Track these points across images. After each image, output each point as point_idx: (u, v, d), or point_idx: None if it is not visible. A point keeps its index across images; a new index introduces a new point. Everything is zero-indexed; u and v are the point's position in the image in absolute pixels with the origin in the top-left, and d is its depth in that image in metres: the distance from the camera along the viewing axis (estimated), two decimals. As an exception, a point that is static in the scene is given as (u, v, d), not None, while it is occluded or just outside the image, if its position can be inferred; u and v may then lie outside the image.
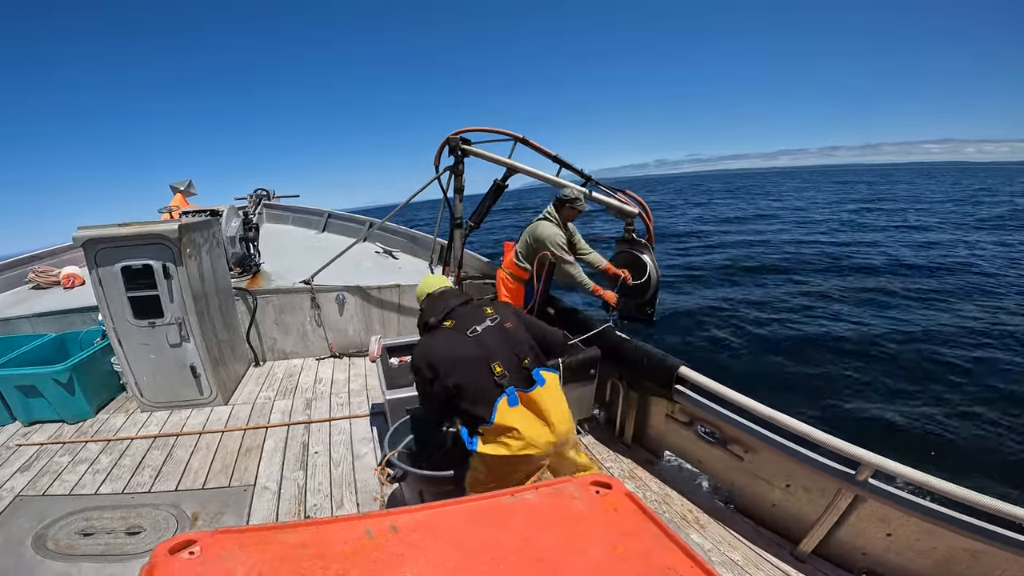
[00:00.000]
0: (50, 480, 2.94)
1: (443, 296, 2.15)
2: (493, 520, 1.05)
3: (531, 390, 1.88)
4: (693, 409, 2.85)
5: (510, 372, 1.90)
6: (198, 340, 3.68)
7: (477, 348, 1.93)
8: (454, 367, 1.89)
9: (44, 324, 4.43)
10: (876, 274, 11.70)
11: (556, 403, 1.93)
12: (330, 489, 2.87)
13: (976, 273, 11.43)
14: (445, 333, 2.00)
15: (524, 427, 1.83)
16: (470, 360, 1.90)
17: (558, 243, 3.40)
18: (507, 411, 1.84)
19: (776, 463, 2.48)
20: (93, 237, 3.30)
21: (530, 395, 1.87)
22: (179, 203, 5.98)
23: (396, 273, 5.33)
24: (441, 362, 1.90)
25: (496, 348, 1.94)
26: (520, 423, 1.83)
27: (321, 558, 0.87)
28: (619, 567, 0.91)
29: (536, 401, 1.88)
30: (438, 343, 1.98)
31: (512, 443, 1.83)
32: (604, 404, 3.53)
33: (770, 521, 2.57)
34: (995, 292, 9.93)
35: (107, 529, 2.51)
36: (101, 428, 3.58)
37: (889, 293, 9.92)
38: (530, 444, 1.84)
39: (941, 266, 12.22)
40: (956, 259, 12.96)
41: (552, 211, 3.53)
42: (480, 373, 1.89)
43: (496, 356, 1.92)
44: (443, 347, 1.95)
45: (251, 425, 3.62)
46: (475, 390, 1.87)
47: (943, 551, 2.00)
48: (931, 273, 11.61)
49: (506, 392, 1.85)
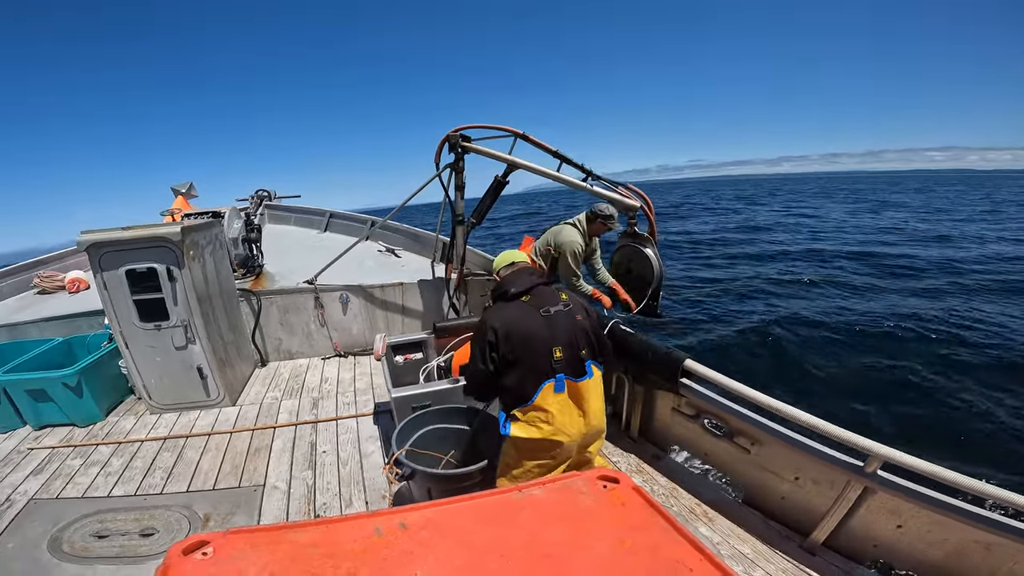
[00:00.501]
0: (63, 483, 2.97)
1: (524, 271, 2.15)
2: (501, 516, 1.05)
3: (580, 380, 1.95)
4: (699, 402, 2.84)
5: (567, 359, 1.94)
6: (204, 342, 3.70)
7: (546, 328, 1.94)
8: (519, 340, 1.91)
9: (51, 329, 4.46)
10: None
11: (596, 398, 2.01)
12: (339, 488, 2.89)
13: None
14: (521, 306, 1.99)
15: (559, 413, 1.91)
16: (536, 338, 1.91)
17: (575, 251, 3.41)
18: (550, 395, 1.90)
19: (784, 455, 2.48)
20: (97, 241, 3.32)
21: (578, 385, 1.94)
22: (181, 205, 6.00)
23: (399, 271, 5.33)
24: (509, 332, 1.91)
25: (561, 333, 1.95)
26: (556, 408, 1.91)
27: (331, 557, 0.88)
28: (627, 561, 0.91)
29: (582, 392, 1.95)
30: (512, 313, 1.97)
31: (544, 427, 1.91)
32: (610, 398, 3.53)
33: (779, 514, 2.56)
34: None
35: (121, 531, 2.53)
36: (111, 431, 3.61)
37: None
38: (560, 431, 1.92)
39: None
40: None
41: (582, 220, 3.54)
42: (540, 353, 1.92)
43: (559, 341, 1.94)
44: (516, 319, 1.95)
45: (259, 425, 3.64)
46: (530, 368, 1.91)
47: (955, 543, 1.99)
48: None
49: (555, 378, 1.90)
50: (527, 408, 1.92)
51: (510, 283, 2.07)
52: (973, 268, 12.30)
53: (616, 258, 3.78)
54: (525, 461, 2.02)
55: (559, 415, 1.91)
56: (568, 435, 1.94)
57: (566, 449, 1.98)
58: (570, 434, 1.94)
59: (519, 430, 1.95)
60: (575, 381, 1.94)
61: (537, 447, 1.96)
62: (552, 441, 1.94)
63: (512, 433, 1.96)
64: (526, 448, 1.98)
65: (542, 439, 1.93)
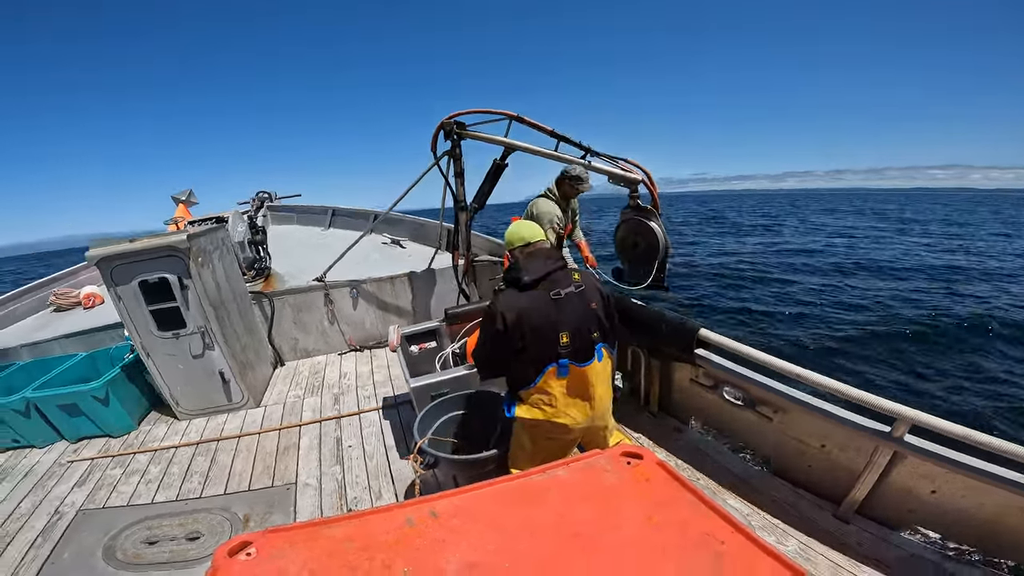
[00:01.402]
0: (107, 492, 3.08)
1: (541, 254, 2.04)
2: (527, 498, 1.07)
3: (585, 364, 1.94)
4: (717, 372, 2.81)
5: (574, 343, 1.92)
6: (222, 346, 3.77)
7: (555, 313, 1.91)
8: (528, 330, 1.90)
9: (73, 345, 4.56)
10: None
11: (602, 382, 2.00)
12: (367, 481, 2.96)
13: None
14: (532, 296, 1.94)
15: (560, 396, 1.93)
16: (543, 327, 1.90)
17: (552, 221, 3.35)
18: (552, 379, 1.92)
19: (808, 422, 2.44)
20: (106, 254, 3.35)
21: (583, 370, 1.93)
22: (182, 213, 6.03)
23: (405, 262, 5.35)
24: (519, 321, 1.89)
25: (570, 317, 1.92)
26: (558, 392, 1.93)
27: (366, 549, 0.91)
28: (656, 537, 0.92)
29: (587, 376, 1.94)
30: (523, 304, 1.93)
31: (547, 408, 1.95)
32: (627, 373, 3.54)
33: (808, 482, 2.53)
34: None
35: (169, 536, 2.62)
36: (146, 439, 3.72)
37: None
38: (562, 412, 1.94)
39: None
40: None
41: (553, 187, 3.48)
42: (547, 340, 1.92)
43: (567, 325, 1.91)
44: (527, 309, 1.91)
45: (285, 425, 3.73)
46: (537, 353, 1.93)
47: (992, 507, 1.95)
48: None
49: (559, 363, 1.91)
50: (530, 390, 1.95)
51: (524, 270, 1.98)
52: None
53: (621, 232, 3.74)
54: (532, 443, 2.05)
55: (562, 398, 1.94)
56: (571, 418, 1.96)
57: (573, 432, 2.00)
58: (574, 417, 1.96)
59: (523, 411, 1.98)
60: (580, 366, 1.93)
61: (539, 429, 1.99)
62: (555, 423, 1.95)
63: (517, 414, 1.99)
64: (532, 430, 2.02)
65: (544, 420, 1.95)
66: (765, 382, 2.56)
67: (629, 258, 3.71)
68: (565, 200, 3.50)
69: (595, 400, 1.98)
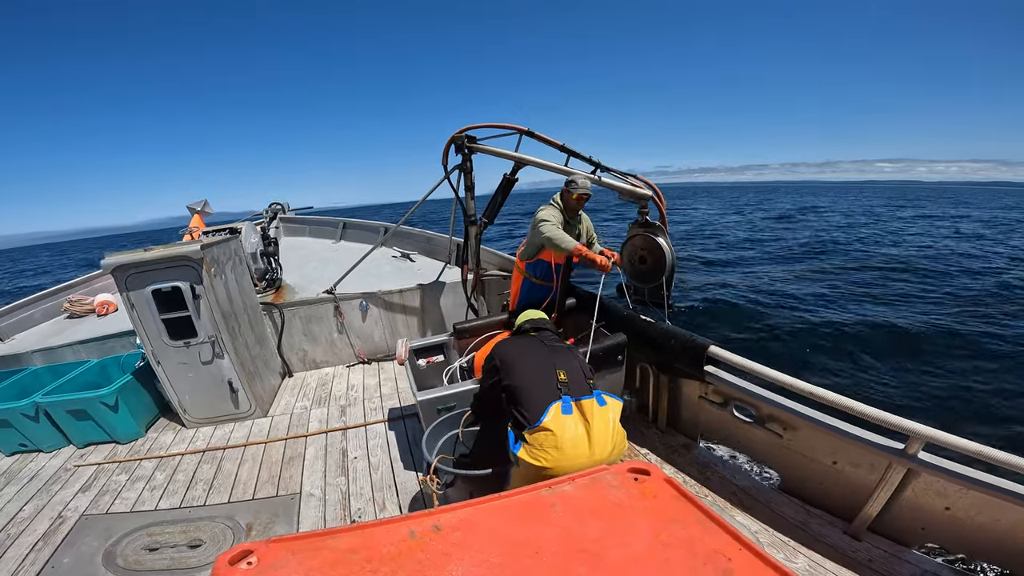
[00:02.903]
0: (111, 498, 3.09)
1: (538, 320, 2.40)
2: (532, 514, 1.06)
3: (587, 398, 1.94)
4: (726, 389, 2.79)
5: (571, 383, 1.98)
6: (232, 356, 3.80)
7: (548, 354, 2.09)
8: (519, 368, 2.03)
9: (85, 351, 4.63)
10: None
11: (605, 427, 1.94)
12: (372, 493, 2.94)
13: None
14: (524, 339, 2.25)
15: (564, 437, 1.85)
16: (537, 362, 2.05)
17: (550, 218, 3.32)
18: (558, 417, 1.88)
19: (818, 439, 2.41)
20: (121, 263, 3.42)
21: (584, 404, 1.93)
22: (197, 223, 6.15)
23: (415, 275, 5.38)
24: (513, 357, 2.09)
25: (564, 360, 2.07)
26: (561, 432, 1.85)
27: (369, 561, 0.90)
28: (663, 554, 0.90)
29: (589, 413, 1.92)
30: (514, 344, 2.21)
31: (551, 453, 1.85)
32: (635, 390, 3.50)
33: (818, 499, 2.50)
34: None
35: (170, 543, 2.62)
36: (152, 446, 3.74)
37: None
38: (567, 458, 1.85)
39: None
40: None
41: (557, 197, 3.51)
42: (543, 374, 1.99)
43: (562, 366, 2.04)
44: (517, 348, 2.15)
45: (291, 435, 3.73)
46: (536, 392, 1.95)
47: (1007, 524, 1.91)
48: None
49: (562, 399, 1.91)
50: (535, 430, 1.88)
51: (524, 323, 2.38)
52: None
53: (628, 248, 3.73)
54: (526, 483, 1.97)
55: (565, 440, 1.85)
56: (569, 464, 1.84)
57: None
58: (572, 463, 1.85)
59: (525, 454, 1.89)
60: (580, 400, 1.94)
61: (540, 474, 1.88)
62: (548, 472, 1.85)
63: (519, 455, 1.91)
64: (530, 474, 1.91)
65: (544, 468, 1.86)
66: (775, 399, 2.54)
67: (635, 273, 3.70)
68: (571, 211, 3.50)
69: (594, 439, 1.89)
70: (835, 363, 6.90)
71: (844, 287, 11.31)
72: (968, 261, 14.42)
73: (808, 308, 9.52)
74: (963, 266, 13.60)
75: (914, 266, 13.43)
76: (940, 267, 13.40)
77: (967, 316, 8.80)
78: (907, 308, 9.51)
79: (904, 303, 9.92)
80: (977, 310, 9.22)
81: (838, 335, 7.86)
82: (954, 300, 10.03)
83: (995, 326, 8.15)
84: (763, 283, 11.79)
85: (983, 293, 10.50)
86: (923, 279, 12.03)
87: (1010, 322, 8.36)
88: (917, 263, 13.88)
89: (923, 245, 17.95)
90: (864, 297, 10.42)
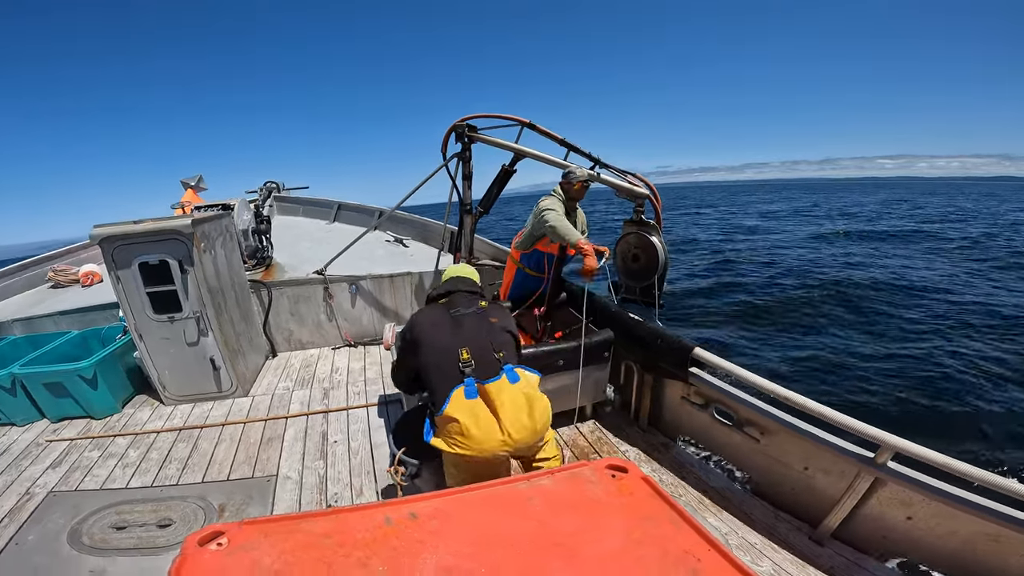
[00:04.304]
0: (81, 475, 3.04)
1: (454, 280, 2.19)
2: (510, 506, 1.06)
3: (489, 382, 1.78)
4: (708, 391, 2.83)
5: (477, 361, 1.82)
6: (216, 333, 3.75)
7: (453, 328, 1.92)
8: (425, 345, 1.89)
9: (66, 322, 4.54)
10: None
11: (517, 408, 1.78)
12: (350, 478, 2.93)
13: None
14: (433, 309, 2.05)
15: (472, 424, 1.73)
16: (440, 342, 1.88)
17: (553, 206, 3.33)
18: (461, 402, 1.75)
19: (793, 445, 2.46)
20: (109, 235, 3.35)
21: (489, 387, 1.77)
22: (190, 198, 6.05)
23: (407, 261, 5.35)
24: (418, 335, 1.93)
25: (470, 335, 1.90)
26: (468, 419, 1.73)
27: (343, 546, 0.90)
28: (636, 551, 0.91)
29: (491, 396, 1.77)
30: (423, 316, 2.01)
31: (460, 441, 1.74)
32: (619, 387, 3.53)
33: (788, 504, 2.55)
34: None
35: (139, 522, 2.58)
36: (128, 422, 3.69)
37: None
38: (474, 445, 1.73)
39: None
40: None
41: (558, 188, 3.51)
42: (446, 357, 1.84)
43: (467, 342, 1.87)
44: (424, 322, 1.97)
45: (271, 416, 3.70)
46: (438, 374, 1.84)
47: (964, 535, 1.97)
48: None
49: (464, 382, 1.78)
50: (442, 416, 1.77)
51: (435, 288, 2.18)
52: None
53: (621, 246, 3.74)
54: (456, 470, 1.89)
55: (473, 426, 1.73)
56: (484, 448, 1.74)
57: (493, 459, 1.79)
58: (483, 449, 1.74)
59: (437, 442, 1.81)
60: (484, 384, 1.79)
61: (456, 460, 1.82)
62: (468, 458, 1.77)
63: (434, 442, 1.82)
64: (458, 462, 1.84)
65: (453, 454, 1.78)
66: (754, 403, 2.59)
67: (628, 271, 3.71)
68: (572, 201, 3.51)
69: (504, 422, 1.75)
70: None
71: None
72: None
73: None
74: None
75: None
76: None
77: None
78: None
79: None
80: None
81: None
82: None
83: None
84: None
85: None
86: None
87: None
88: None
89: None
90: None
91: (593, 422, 3.42)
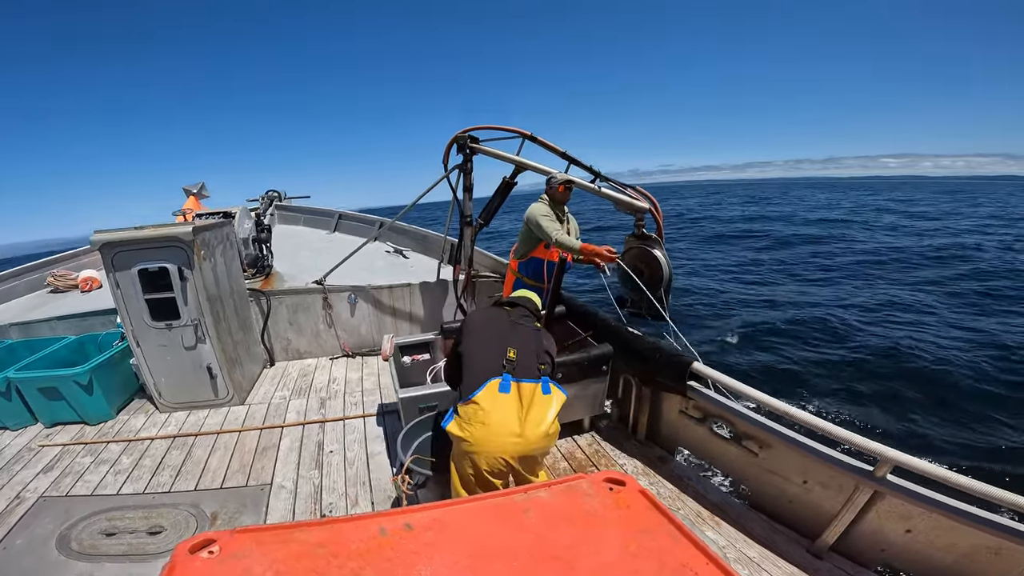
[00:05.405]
0: (73, 481, 3.01)
1: (523, 297, 2.36)
2: (506, 517, 1.05)
3: (530, 382, 1.89)
4: (706, 405, 2.82)
5: (520, 363, 1.93)
6: (214, 341, 3.74)
7: (508, 328, 2.08)
8: (476, 336, 2.04)
9: (64, 327, 4.53)
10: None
11: (542, 415, 1.87)
12: (345, 488, 2.90)
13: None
14: (494, 309, 2.27)
15: (493, 411, 1.81)
16: (494, 335, 2.04)
17: (545, 212, 3.34)
18: (493, 393, 1.84)
19: (792, 459, 2.45)
20: (110, 240, 3.36)
21: (524, 386, 1.88)
22: (192, 205, 6.07)
23: (407, 272, 5.35)
24: (475, 325, 2.11)
25: (522, 340, 2.03)
26: (491, 406, 1.81)
27: (336, 556, 0.88)
28: (633, 565, 0.90)
29: (528, 396, 1.87)
30: (481, 311, 2.27)
31: (476, 427, 1.81)
32: (617, 401, 3.52)
33: (786, 518, 2.54)
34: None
35: (129, 529, 2.55)
36: (122, 429, 3.66)
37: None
38: (489, 437, 1.80)
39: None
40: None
41: (544, 196, 3.53)
42: (493, 349, 1.96)
43: (516, 345, 1.99)
44: (484, 318, 2.17)
45: (267, 425, 3.67)
46: (480, 363, 1.94)
47: (964, 548, 1.96)
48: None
49: (502, 376, 1.88)
50: (468, 402, 1.85)
51: (507, 298, 2.35)
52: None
53: (625, 260, 3.76)
54: (461, 463, 1.92)
55: (493, 413, 1.80)
56: (494, 439, 1.80)
57: (498, 454, 1.83)
58: (497, 439, 1.80)
59: (455, 426, 1.87)
60: (520, 382, 1.88)
61: (463, 451, 1.86)
62: (475, 451, 1.82)
63: (449, 428, 1.89)
64: (457, 453, 1.91)
65: (465, 441, 1.83)
66: (753, 417, 2.58)
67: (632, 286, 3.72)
68: (559, 204, 3.52)
69: (528, 423, 1.82)
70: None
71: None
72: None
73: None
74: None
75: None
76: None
77: None
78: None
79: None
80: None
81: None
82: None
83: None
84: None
85: None
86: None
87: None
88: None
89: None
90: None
91: (591, 435, 3.40)
